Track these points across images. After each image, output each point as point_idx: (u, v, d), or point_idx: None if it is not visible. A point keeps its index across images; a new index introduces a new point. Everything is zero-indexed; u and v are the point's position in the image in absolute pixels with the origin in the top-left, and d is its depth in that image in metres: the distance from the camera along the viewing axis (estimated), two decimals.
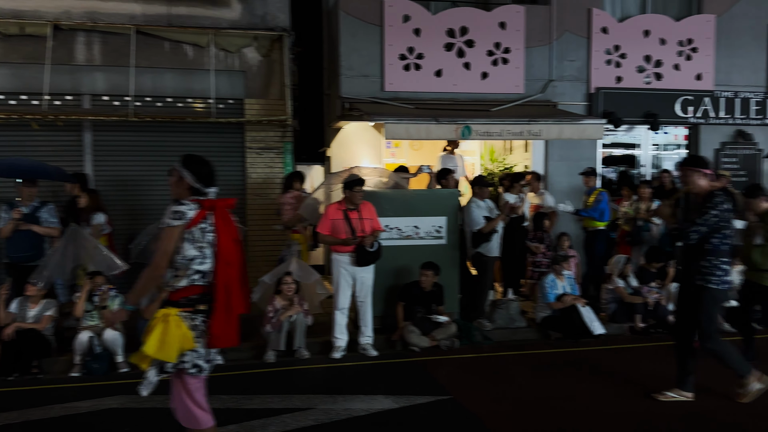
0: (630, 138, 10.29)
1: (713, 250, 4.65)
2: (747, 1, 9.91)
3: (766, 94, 10.10)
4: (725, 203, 4.61)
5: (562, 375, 5.64)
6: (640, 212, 8.00)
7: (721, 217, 4.57)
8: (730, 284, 4.94)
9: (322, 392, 5.20)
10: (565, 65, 9.50)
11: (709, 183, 4.75)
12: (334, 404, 4.90)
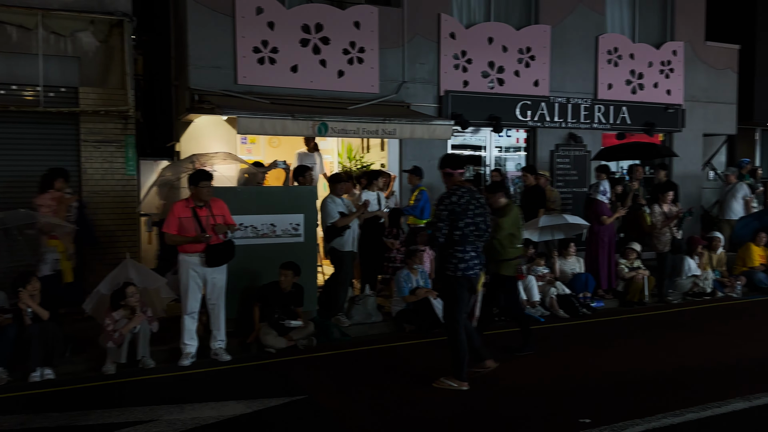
0: (476, 140, 10.88)
1: (449, 241, 5.03)
2: (577, 14, 10.92)
3: (594, 100, 11.18)
4: (453, 197, 5.02)
5: (416, 367, 5.78)
6: None
7: (450, 210, 4.98)
8: (468, 271, 5.06)
9: (168, 402, 4.85)
10: (417, 68, 9.82)
11: (453, 181, 5.13)
12: (181, 414, 4.59)
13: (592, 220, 8.75)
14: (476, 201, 5.09)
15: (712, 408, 4.60)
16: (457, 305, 5.14)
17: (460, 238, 5.02)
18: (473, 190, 5.17)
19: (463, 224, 5.00)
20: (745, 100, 13.09)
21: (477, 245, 5.12)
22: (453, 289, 5.13)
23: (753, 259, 9.44)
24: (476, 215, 5.05)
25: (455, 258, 5.04)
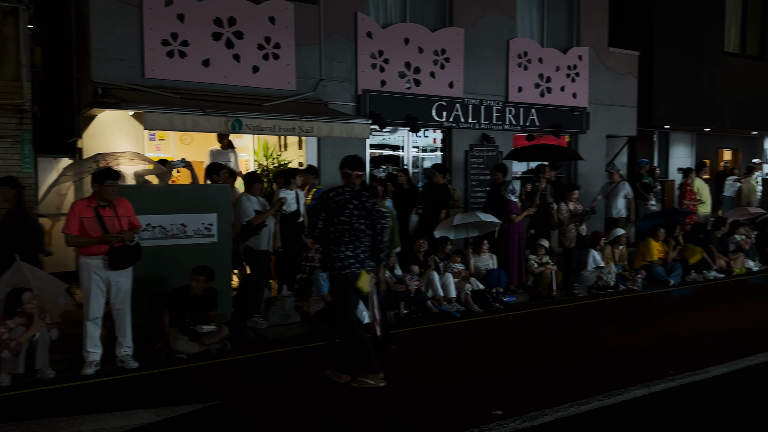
0: (395, 139, 10.97)
1: (328, 239, 5.11)
2: (489, 18, 11.24)
3: (505, 102, 11.55)
4: (331, 193, 5.12)
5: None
6: None
7: (324, 205, 5.10)
8: (344, 270, 5.05)
9: (70, 413, 4.55)
10: (335, 66, 9.77)
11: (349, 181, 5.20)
12: (83, 426, 4.32)
13: (504, 218, 9.04)
14: (359, 203, 5.07)
15: (615, 396, 4.85)
16: (342, 302, 5.19)
17: (334, 236, 5.05)
18: (362, 193, 5.17)
19: (337, 221, 5.03)
20: (645, 104, 13.95)
21: (356, 246, 5.08)
22: (334, 286, 5.22)
23: (652, 254, 10.07)
24: (354, 215, 5.03)
25: (331, 256, 5.09)
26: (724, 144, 17.63)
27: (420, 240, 8.38)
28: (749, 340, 6.45)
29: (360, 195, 5.14)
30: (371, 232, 5.16)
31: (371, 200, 5.20)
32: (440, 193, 9.27)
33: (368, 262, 5.23)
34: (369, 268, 5.24)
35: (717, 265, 10.45)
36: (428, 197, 9.32)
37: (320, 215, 5.12)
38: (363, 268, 5.14)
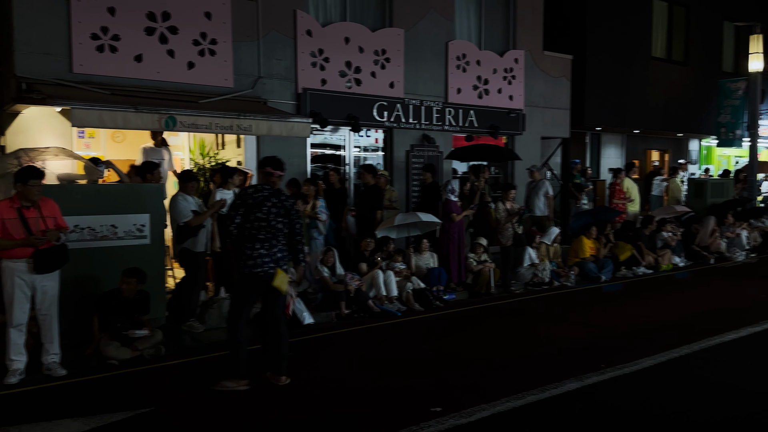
0: (336, 139, 10.92)
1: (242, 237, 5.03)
2: (428, 19, 11.35)
3: (445, 103, 11.69)
4: (249, 189, 5.12)
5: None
6: (306, 210, 8.43)
7: (242, 201, 5.04)
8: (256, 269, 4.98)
9: None
10: (274, 63, 9.63)
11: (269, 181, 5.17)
12: None
13: (444, 217, 9.16)
14: (277, 201, 5.05)
15: (550, 389, 4.99)
16: (239, 303, 5.14)
17: (249, 233, 4.99)
18: (281, 192, 5.16)
19: (254, 218, 4.98)
20: (577, 106, 14.43)
21: (272, 244, 5.03)
22: (237, 286, 5.17)
23: (584, 251, 10.42)
24: (271, 213, 5.00)
25: (245, 254, 5.01)
26: (652, 145, 18.48)
27: (366, 240, 8.39)
28: (676, 333, 6.77)
29: (279, 194, 5.11)
30: (288, 231, 5.12)
31: (290, 200, 5.18)
32: (372, 193, 9.16)
33: (285, 261, 5.15)
34: (285, 267, 5.16)
35: (646, 262, 10.92)
36: (361, 198, 9.25)
37: (238, 210, 5.03)
38: (278, 267, 5.06)
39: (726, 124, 16.98)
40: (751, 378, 5.29)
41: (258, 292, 5.13)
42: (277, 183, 5.22)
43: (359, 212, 9.11)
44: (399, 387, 5.12)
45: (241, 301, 5.14)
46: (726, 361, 5.78)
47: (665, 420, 4.41)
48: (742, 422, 4.36)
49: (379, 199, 9.15)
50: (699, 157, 19.46)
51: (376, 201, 9.09)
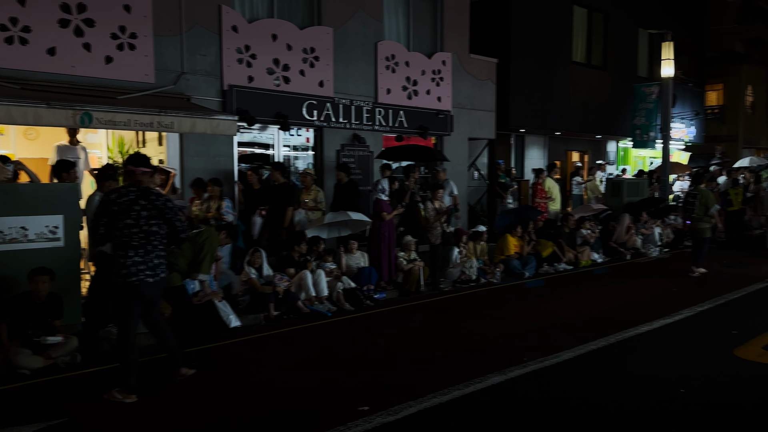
0: (265, 137, 10.74)
1: (114, 244, 4.77)
2: (357, 19, 11.36)
3: (375, 103, 11.74)
4: (112, 194, 4.78)
5: (199, 375, 5.49)
6: (211, 211, 8.28)
7: (104, 209, 4.75)
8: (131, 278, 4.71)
9: None
10: (198, 59, 9.37)
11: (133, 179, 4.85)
12: None
13: (374, 216, 9.19)
14: (147, 202, 4.73)
15: (474, 384, 5.09)
16: (122, 315, 4.85)
17: (121, 240, 4.70)
18: (151, 191, 4.83)
19: (123, 225, 4.69)
20: (502, 109, 14.85)
21: (147, 250, 4.74)
22: (115, 298, 4.88)
23: (509, 249, 10.72)
24: (142, 217, 4.70)
25: (117, 263, 4.73)
26: (572, 146, 19.26)
27: (301, 243, 8.29)
28: (595, 325, 7.07)
29: (148, 194, 4.79)
30: (168, 232, 4.89)
31: (162, 198, 4.86)
32: (283, 192, 8.83)
33: (162, 269, 4.87)
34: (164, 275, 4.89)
35: (566, 258, 11.35)
36: (272, 197, 8.86)
37: (101, 221, 4.70)
38: (157, 275, 4.80)
39: (641, 126, 17.91)
40: (664, 367, 5.59)
41: (139, 300, 4.82)
42: (145, 181, 4.87)
43: (269, 212, 8.76)
44: (327, 387, 5.09)
45: (124, 313, 4.81)
46: (641, 352, 6.08)
47: (584, 410, 4.59)
48: (655, 410, 4.59)
49: (290, 197, 8.81)
50: (616, 158, 20.45)
51: (287, 199, 8.74)
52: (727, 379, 5.24)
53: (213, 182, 8.49)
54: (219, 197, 8.37)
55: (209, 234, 5.92)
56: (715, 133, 25.49)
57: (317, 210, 9.29)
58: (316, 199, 9.35)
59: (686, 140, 21.96)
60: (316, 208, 9.28)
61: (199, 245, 5.78)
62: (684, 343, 6.37)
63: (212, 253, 5.91)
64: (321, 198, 9.48)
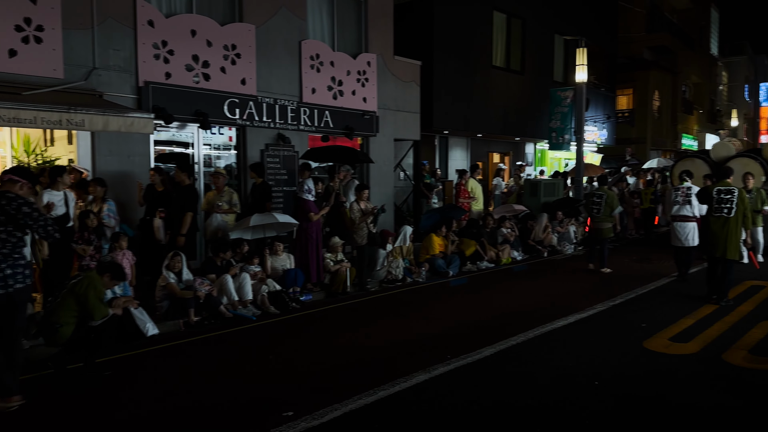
0: (185, 136, 10.38)
1: None
2: (280, 17, 11.18)
3: (300, 103, 11.60)
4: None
5: (115, 387, 5.23)
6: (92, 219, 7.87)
7: None
8: None
9: None
10: (111, 54, 8.92)
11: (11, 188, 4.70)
12: None
13: (301, 217, 9.09)
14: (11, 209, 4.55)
15: (400, 383, 5.13)
16: None
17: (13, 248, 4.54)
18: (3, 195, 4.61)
19: None
20: (426, 110, 15.05)
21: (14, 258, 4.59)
22: None
23: (434, 248, 10.90)
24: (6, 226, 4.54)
25: None
26: (493, 148, 19.81)
27: (226, 250, 8.06)
28: (515, 321, 7.29)
29: (13, 201, 4.57)
30: (22, 237, 4.66)
31: (16, 201, 4.59)
32: (186, 194, 8.21)
33: (20, 279, 4.62)
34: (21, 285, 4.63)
35: (488, 256, 11.67)
36: (174, 200, 8.23)
37: None
38: (9, 286, 4.55)
39: (556, 129, 18.66)
40: (580, 361, 5.83)
41: None
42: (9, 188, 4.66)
43: (168, 214, 8.17)
44: (250, 393, 4.97)
45: None
46: (558, 347, 6.32)
47: (504, 405, 4.71)
48: (572, 403, 4.78)
49: (192, 201, 8.23)
50: (534, 160, 21.21)
51: (187, 202, 8.15)
52: (638, 371, 5.53)
53: (96, 182, 7.97)
54: (102, 199, 7.92)
55: (89, 281, 5.53)
56: (625, 136, 26.95)
57: (232, 212, 8.84)
58: (230, 201, 8.81)
59: (599, 143, 23.08)
60: (230, 210, 8.80)
61: (82, 296, 5.43)
62: (598, 336, 6.68)
63: (98, 299, 5.57)
64: (235, 200, 8.92)
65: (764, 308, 7.88)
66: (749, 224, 8.17)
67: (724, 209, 8.03)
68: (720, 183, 8.33)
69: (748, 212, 8.01)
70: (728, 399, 4.82)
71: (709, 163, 13.61)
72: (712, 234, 8.12)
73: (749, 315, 7.52)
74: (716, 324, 7.09)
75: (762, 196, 11.20)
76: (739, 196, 8.01)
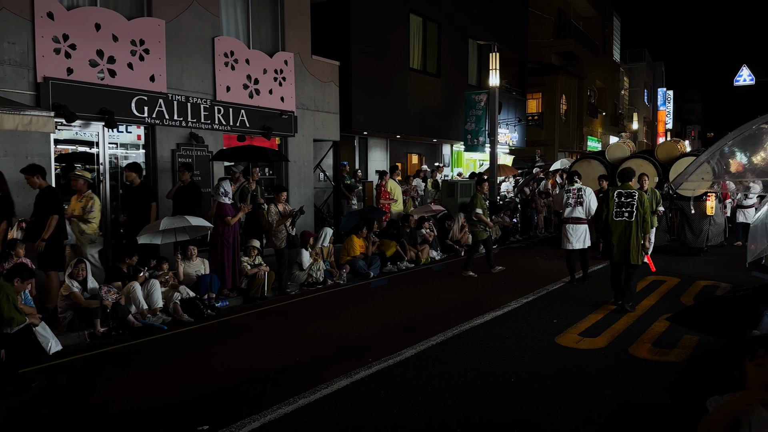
0: (89, 135, 9.77)
1: None
2: (191, 12, 10.77)
3: (214, 101, 11.22)
4: None
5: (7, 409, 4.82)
6: None
7: None
8: None
9: None
10: (5, 47, 8.26)
11: None
12: None
13: (216, 221, 8.79)
14: None
15: (321, 390, 5.05)
16: None
17: None
18: None
19: None
20: (345, 111, 15.01)
21: None
22: None
23: (355, 249, 10.87)
24: None
25: None
26: (412, 149, 20.06)
27: (131, 254, 7.63)
28: (434, 321, 7.37)
29: None
30: None
31: None
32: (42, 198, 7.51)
33: None
34: None
35: (408, 257, 11.78)
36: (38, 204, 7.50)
37: None
38: None
39: (471, 131, 19.13)
40: (496, 359, 5.97)
41: None
42: None
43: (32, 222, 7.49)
44: (160, 409, 4.73)
45: None
46: (476, 345, 6.44)
47: (426, 405, 4.74)
48: (490, 401, 4.88)
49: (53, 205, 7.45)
50: (451, 161, 21.67)
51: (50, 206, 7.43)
52: (551, 367, 5.73)
53: None
54: None
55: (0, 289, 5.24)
56: (535, 138, 28.08)
57: (84, 221, 7.87)
58: (85, 207, 7.86)
59: (511, 145, 23.91)
60: (83, 219, 7.86)
61: None
62: (512, 333, 6.88)
63: (12, 306, 5.23)
64: (93, 207, 7.92)
65: (666, 301, 8.41)
66: (648, 228, 7.92)
67: (626, 213, 7.83)
68: (621, 186, 8.08)
69: (647, 215, 7.83)
70: (635, 392, 5.08)
71: (604, 164, 13.98)
72: (615, 239, 7.88)
73: (652, 309, 8.00)
74: (622, 318, 7.49)
75: (656, 197, 11.43)
76: (639, 199, 7.83)
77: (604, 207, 8.05)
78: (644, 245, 7.93)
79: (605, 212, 8.00)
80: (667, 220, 13.09)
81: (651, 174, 12.54)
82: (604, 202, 8.08)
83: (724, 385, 4.58)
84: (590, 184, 11.67)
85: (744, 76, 31.57)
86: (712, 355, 6.00)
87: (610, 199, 8.00)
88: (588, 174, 13.59)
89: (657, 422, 4.49)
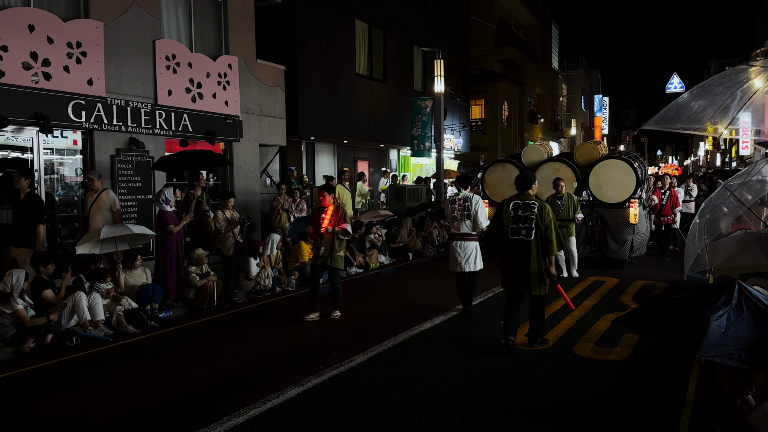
0: (22, 140, 9.33)
1: None
2: (132, 14, 10.45)
3: (155, 105, 10.91)
4: None
5: None
6: None
7: None
8: None
9: None
10: None
11: None
12: None
13: (158, 229, 8.54)
14: None
15: (272, 399, 4.97)
16: None
17: None
18: None
19: None
20: (292, 116, 14.89)
21: None
22: None
23: (303, 255, 10.76)
24: None
25: None
26: (360, 154, 20.08)
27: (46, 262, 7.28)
28: (385, 326, 7.39)
29: None
30: None
31: None
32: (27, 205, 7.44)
33: None
34: None
35: (357, 262, 11.77)
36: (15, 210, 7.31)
37: None
38: None
39: (418, 136, 19.34)
40: (446, 362, 6.03)
41: None
42: None
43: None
44: (105, 423, 4.54)
45: None
46: (426, 349, 6.49)
47: (378, 411, 4.74)
48: (441, 404, 4.92)
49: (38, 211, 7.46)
50: (398, 166, 21.81)
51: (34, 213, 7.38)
52: (500, 368, 5.84)
53: None
54: None
55: None
56: (479, 144, 28.62)
57: None
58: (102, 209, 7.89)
59: (456, 150, 24.28)
60: None
61: None
62: (462, 336, 6.97)
63: None
64: None
65: (607, 301, 8.71)
66: (553, 250, 6.09)
67: (522, 230, 6.11)
68: (518, 196, 6.31)
69: (552, 233, 6.07)
70: (580, 388, 5.23)
71: (520, 168, 12.43)
72: (512, 265, 6.21)
73: (593, 309, 8.27)
74: (565, 319, 7.71)
75: (574, 203, 10.60)
76: (539, 212, 6.10)
77: (499, 223, 6.35)
78: (548, 270, 6.15)
79: (502, 229, 6.30)
80: (588, 229, 11.84)
81: (569, 179, 11.61)
82: (497, 217, 6.38)
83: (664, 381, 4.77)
84: (506, 191, 10.73)
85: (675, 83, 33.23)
86: (652, 351, 6.25)
87: (504, 213, 6.29)
88: (503, 179, 12.60)
89: (602, 415, 4.64)
